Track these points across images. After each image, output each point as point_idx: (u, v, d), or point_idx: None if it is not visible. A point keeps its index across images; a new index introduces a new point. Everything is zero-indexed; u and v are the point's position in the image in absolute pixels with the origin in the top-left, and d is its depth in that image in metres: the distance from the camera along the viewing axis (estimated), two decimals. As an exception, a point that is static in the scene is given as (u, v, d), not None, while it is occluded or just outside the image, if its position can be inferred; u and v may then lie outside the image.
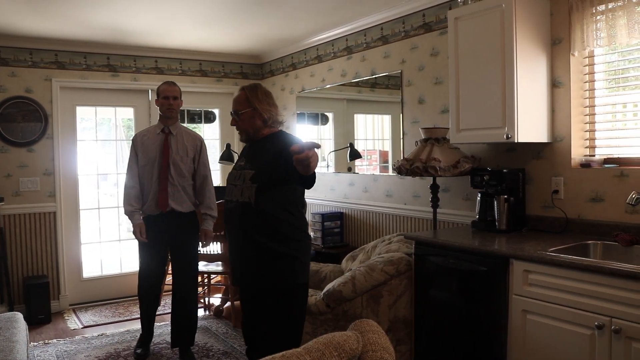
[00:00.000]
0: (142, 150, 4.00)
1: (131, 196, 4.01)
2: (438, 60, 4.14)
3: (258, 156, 2.84)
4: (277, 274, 2.74)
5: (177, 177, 3.95)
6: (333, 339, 1.47)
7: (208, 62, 6.41)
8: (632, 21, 2.93)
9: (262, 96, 2.90)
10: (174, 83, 4.06)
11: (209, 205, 4.09)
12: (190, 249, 4.10)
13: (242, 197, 2.78)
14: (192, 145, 4.06)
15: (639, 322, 2.25)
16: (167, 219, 3.96)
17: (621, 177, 3.04)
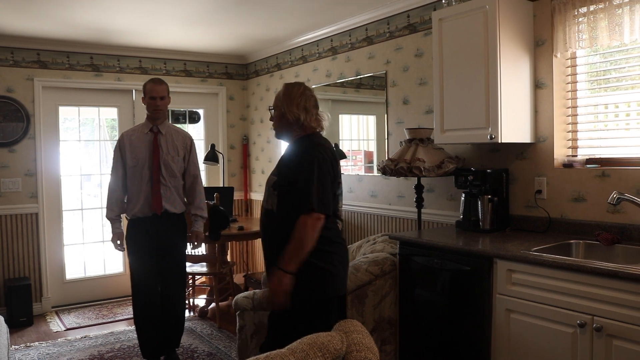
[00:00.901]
0: (130, 150, 3.82)
1: (113, 201, 3.87)
2: (422, 61, 4.16)
3: (284, 161, 2.74)
4: (302, 286, 2.54)
5: (169, 178, 3.82)
6: (317, 340, 1.47)
7: (192, 62, 6.38)
8: (613, 23, 2.96)
9: (296, 96, 2.70)
10: (161, 81, 3.87)
11: (199, 206, 3.97)
12: (180, 251, 3.98)
13: (267, 203, 2.69)
14: (182, 144, 3.92)
15: (620, 320, 2.28)
16: (160, 220, 3.81)
17: (603, 177, 3.07)
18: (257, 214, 6.60)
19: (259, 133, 6.51)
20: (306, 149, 2.65)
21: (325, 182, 2.58)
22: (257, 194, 6.60)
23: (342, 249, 2.72)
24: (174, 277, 3.95)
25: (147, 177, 3.79)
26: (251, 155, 6.75)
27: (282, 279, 2.50)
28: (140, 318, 3.91)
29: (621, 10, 2.93)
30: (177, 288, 3.97)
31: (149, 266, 3.84)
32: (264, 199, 2.76)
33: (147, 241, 3.82)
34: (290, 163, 2.66)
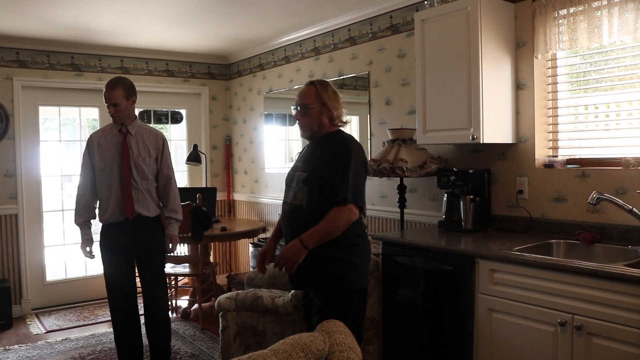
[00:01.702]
0: (98, 152, 3.62)
1: (81, 205, 3.68)
2: (405, 61, 4.18)
3: (314, 157, 2.73)
4: (332, 279, 2.63)
5: (140, 180, 3.61)
6: (300, 340, 1.46)
7: (175, 62, 6.34)
8: (592, 25, 3.00)
9: (332, 93, 2.75)
10: (113, 85, 3.55)
11: (173, 209, 3.77)
12: (158, 255, 3.80)
13: (295, 199, 2.69)
14: (153, 145, 3.70)
15: (599, 319, 2.30)
16: (133, 225, 3.60)
17: (583, 178, 3.11)
18: (240, 215, 6.58)
19: (242, 133, 6.49)
20: (342, 144, 2.68)
21: (360, 176, 2.65)
22: (240, 195, 6.57)
23: (367, 243, 2.78)
24: (155, 281, 3.78)
25: (117, 180, 3.58)
26: (234, 155, 6.73)
27: (300, 251, 2.56)
28: (116, 325, 3.75)
29: (600, 12, 2.97)
30: (159, 292, 3.80)
31: (123, 272, 3.66)
32: (288, 196, 2.77)
33: (121, 248, 3.63)
34: (324, 158, 2.65)
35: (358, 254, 2.68)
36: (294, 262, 2.57)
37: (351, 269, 2.65)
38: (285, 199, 2.81)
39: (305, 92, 2.76)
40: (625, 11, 2.85)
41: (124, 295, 3.67)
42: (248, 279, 4.11)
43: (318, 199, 2.61)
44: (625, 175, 2.92)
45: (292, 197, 2.71)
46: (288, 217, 2.76)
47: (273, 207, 5.89)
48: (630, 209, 2.72)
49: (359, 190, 2.63)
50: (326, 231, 2.57)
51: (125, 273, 3.67)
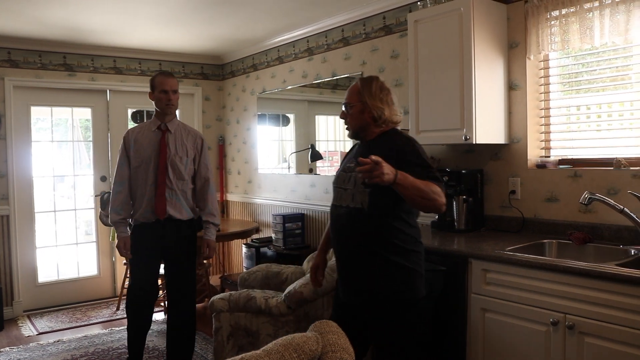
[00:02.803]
0: (135, 149, 3.51)
1: (118, 203, 3.52)
2: (398, 62, 4.18)
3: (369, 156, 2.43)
4: (395, 287, 2.43)
5: (175, 181, 3.48)
6: (293, 341, 1.46)
7: (168, 62, 6.32)
8: (584, 27, 3.01)
9: (377, 91, 2.54)
10: (171, 74, 3.57)
11: (211, 212, 3.63)
12: (187, 260, 3.62)
13: (354, 202, 2.47)
14: (192, 144, 3.60)
15: (591, 318, 2.32)
16: (164, 227, 3.48)
17: (575, 178, 3.12)
18: (233, 215, 6.57)
19: (235, 134, 6.48)
20: (405, 142, 2.50)
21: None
22: (234, 195, 6.56)
23: (423, 249, 2.59)
24: (183, 289, 3.63)
25: (152, 179, 3.47)
26: (227, 156, 6.71)
27: (391, 173, 2.16)
28: (131, 330, 3.63)
29: (591, 14, 2.99)
30: (187, 301, 3.65)
31: (149, 275, 3.57)
32: (341, 199, 2.54)
33: (149, 249, 3.51)
34: (390, 157, 2.31)
35: (419, 260, 2.50)
36: (377, 174, 2.14)
37: (415, 276, 2.47)
38: (338, 202, 2.58)
39: (350, 90, 2.62)
40: (617, 12, 2.87)
41: (145, 298, 3.58)
42: (241, 280, 4.11)
43: (380, 201, 2.41)
44: (617, 176, 2.93)
45: (350, 199, 2.49)
46: (344, 221, 2.53)
47: (266, 207, 5.89)
48: (622, 209, 2.73)
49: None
50: (425, 191, 2.26)
51: (151, 276, 3.58)
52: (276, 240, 5.11)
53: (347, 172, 2.58)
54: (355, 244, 2.49)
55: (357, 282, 2.51)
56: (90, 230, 6.08)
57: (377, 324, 2.48)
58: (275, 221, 5.12)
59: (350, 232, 2.51)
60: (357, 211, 2.46)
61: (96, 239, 6.01)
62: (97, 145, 5.99)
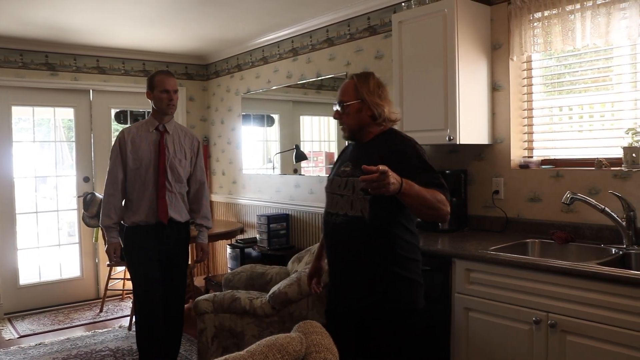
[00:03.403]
0: (132, 150, 3.37)
1: (111, 207, 3.39)
2: (382, 62, 4.19)
3: (371, 161, 2.19)
4: (396, 299, 2.32)
5: (174, 183, 3.40)
6: (276, 341, 1.46)
7: (152, 62, 6.28)
8: (566, 29, 3.04)
9: (374, 87, 2.40)
10: (171, 73, 3.46)
11: (205, 215, 3.59)
12: (184, 263, 3.59)
13: (353, 210, 2.30)
14: (189, 146, 3.52)
15: (573, 316, 2.34)
16: (165, 230, 3.40)
17: (557, 178, 3.15)
18: (218, 216, 6.54)
19: (220, 134, 6.46)
20: (407, 144, 2.36)
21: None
22: (218, 196, 6.54)
23: (420, 256, 2.47)
24: (179, 291, 3.58)
25: (152, 182, 3.36)
26: (212, 156, 6.69)
27: (396, 183, 2.02)
28: (144, 332, 3.47)
29: (573, 16, 3.02)
30: (181, 303, 3.60)
31: (154, 276, 3.42)
32: (337, 206, 2.37)
33: (152, 249, 3.40)
34: (388, 161, 2.16)
35: (418, 270, 2.41)
36: (383, 185, 2.00)
37: (416, 287, 2.38)
38: (333, 210, 2.39)
39: (344, 87, 2.44)
40: (597, 15, 2.90)
41: (157, 300, 3.43)
42: (226, 281, 4.10)
43: (382, 208, 2.27)
44: (598, 176, 2.97)
45: (349, 207, 2.32)
46: (342, 230, 2.36)
47: (251, 208, 5.87)
48: (603, 209, 2.76)
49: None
50: (430, 201, 2.14)
51: (154, 275, 3.43)
52: (261, 241, 5.10)
53: (342, 177, 2.40)
54: (355, 255, 2.35)
55: (355, 292, 2.37)
56: (73, 231, 6.02)
57: (373, 334, 2.37)
58: (260, 222, 5.11)
59: (349, 243, 2.35)
60: (357, 220, 2.30)
61: (79, 240, 5.95)
62: (80, 146, 5.93)
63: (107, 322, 5.16)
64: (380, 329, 2.35)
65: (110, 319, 5.27)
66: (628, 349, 2.18)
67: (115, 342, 4.56)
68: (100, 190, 5.77)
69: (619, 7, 2.83)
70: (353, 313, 2.41)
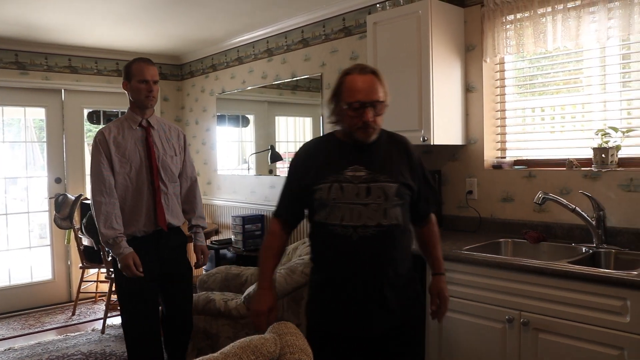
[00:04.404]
0: (117, 152, 2.93)
1: (111, 216, 2.86)
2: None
3: (385, 163, 2.14)
4: (421, 300, 2.32)
5: (168, 183, 3.04)
6: (250, 343, 1.45)
7: (125, 61, 6.10)
8: (538, 31, 3.09)
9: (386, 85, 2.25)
10: (151, 61, 3.04)
11: (200, 215, 3.27)
12: (188, 271, 3.22)
13: (387, 218, 2.07)
14: (176, 141, 3.17)
15: (545, 314, 2.38)
16: (162, 237, 3.01)
17: (529, 178, 3.20)
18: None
19: (194, 135, 6.41)
20: (410, 147, 2.28)
21: None
22: (193, 197, 6.48)
23: None
24: (189, 303, 3.22)
25: (146, 185, 2.97)
26: (187, 157, 6.63)
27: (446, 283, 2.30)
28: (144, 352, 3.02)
29: (545, 19, 3.07)
30: (191, 316, 3.24)
31: (153, 294, 3.01)
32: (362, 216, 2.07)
33: (148, 264, 2.92)
34: (407, 164, 2.18)
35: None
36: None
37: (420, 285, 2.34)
38: (356, 222, 2.08)
39: (376, 85, 2.19)
40: (568, 18, 2.95)
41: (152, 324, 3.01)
42: (200, 282, 4.07)
43: (407, 213, 2.18)
44: (569, 176, 3.02)
45: (381, 216, 2.07)
46: (376, 243, 2.08)
47: (226, 209, 5.84)
48: (574, 208, 2.81)
49: None
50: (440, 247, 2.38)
51: (155, 295, 3.04)
52: (236, 242, 5.07)
53: (357, 183, 2.10)
54: (393, 267, 2.12)
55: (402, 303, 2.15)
56: (45, 233, 5.91)
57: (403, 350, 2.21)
58: (235, 222, 5.09)
59: (386, 255, 2.10)
60: (394, 228, 2.09)
61: (51, 242, 5.85)
62: (52, 146, 5.83)
63: (80, 325, 5.08)
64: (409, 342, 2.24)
65: (82, 322, 5.19)
66: (598, 345, 2.22)
67: (87, 345, 4.49)
68: (72, 191, 5.70)
69: (589, 11, 2.89)
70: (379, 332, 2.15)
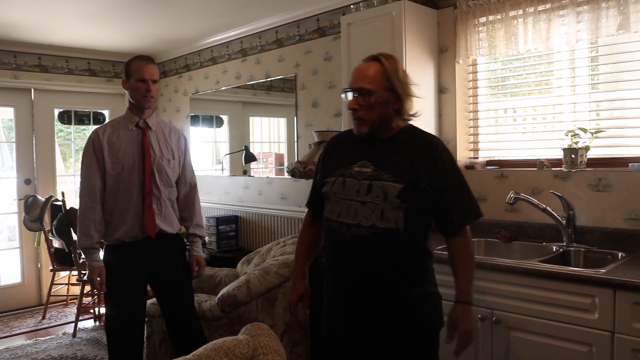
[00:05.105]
0: (110, 153, 2.83)
1: (89, 222, 2.80)
2: (331, 64, 4.21)
3: (397, 162, 1.98)
4: (429, 318, 2.05)
5: (163, 188, 2.91)
6: (223, 344, 1.44)
7: (97, 61, 6.13)
8: (509, 33, 3.13)
9: (404, 75, 2.01)
10: (151, 59, 2.93)
11: (198, 223, 3.12)
12: (186, 279, 3.07)
13: (384, 221, 1.94)
14: (176, 143, 3.03)
15: (517, 313, 2.41)
16: (152, 245, 2.88)
17: (501, 178, 3.23)
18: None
19: (168, 135, 6.34)
20: (440, 146, 2.04)
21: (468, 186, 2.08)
22: (167, 198, 6.42)
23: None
24: (193, 314, 3.08)
25: (138, 189, 2.84)
26: (160, 158, 6.56)
27: (472, 313, 2.04)
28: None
29: (516, 21, 3.11)
30: (199, 326, 3.09)
31: (137, 304, 2.92)
32: (358, 215, 1.98)
33: (136, 273, 2.87)
34: (424, 164, 1.97)
35: (435, 281, 2.14)
36: (474, 329, 2.05)
37: (439, 301, 2.11)
38: (350, 220, 1.99)
39: (366, 72, 1.99)
40: (539, 21, 2.99)
41: (136, 332, 2.92)
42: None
43: (416, 220, 1.98)
44: (540, 176, 3.06)
45: (378, 217, 1.95)
46: (369, 245, 1.97)
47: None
48: (544, 208, 2.85)
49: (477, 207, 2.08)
50: (472, 272, 2.08)
51: (140, 305, 2.95)
52: (209, 243, 5.04)
53: (359, 179, 2.00)
54: (386, 275, 1.98)
55: (381, 321, 1.99)
56: (14, 235, 5.80)
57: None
58: (209, 223, 5.05)
59: (378, 260, 1.97)
60: (390, 232, 1.95)
61: (20, 244, 5.74)
62: (21, 147, 5.72)
63: (50, 329, 4.99)
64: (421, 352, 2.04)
65: (53, 325, 5.10)
66: (568, 342, 2.26)
67: (58, 349, 4.42)
68: (42, 192, 5.60)
69: (559, 14, 2.94)
70: (378, 343, 2.02)
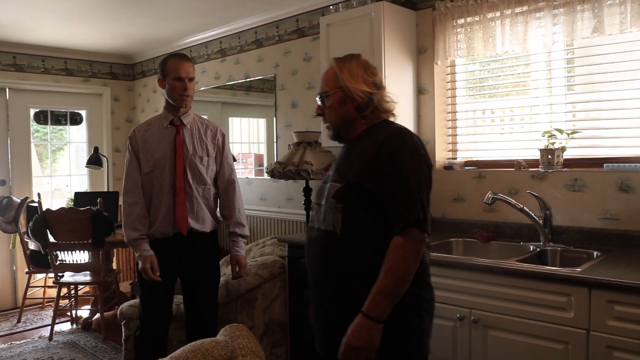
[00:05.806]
0: (144, 150, 2.89)
1: (135, 217, 2.85)
2: (311, 65, 4.21)
3: (349, 162, 1.91)
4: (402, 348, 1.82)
5: (196, 186, 2.91)
6: (201, 346, 1.44)
7: (74, 60, 6.05)
8: (487, 35, 3.16)
9: (358, 70, 1.95)
10: (187, 57, 2.93)
11: (239, 221, 3.05)
12: (214, 280, 3.06)
13: (325, 223, 1.86)
14: (212, 141, 3.00)
15: (494, 312, 2.43)
16: (183, 242, 2.90)
17: (479, 179, 3.26)
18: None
19: (147, 136, 6.29)
20: (390, 138, 1.86)
21: (423, 186, 1.81)
22: (145, 199, 6.37)
23: (432, 292, 1.94)
24: (211, 313, 3.04)
25: (169, 186, 2.87)
26: (138, 158, 6.50)
27: (373, 331, 1.71)
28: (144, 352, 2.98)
29: (494, 23, 3.14)
30: (213, 326, 3.03)
31: (164, 299, 2.96)
32: (314, 218, 1.96)
33: (167, 270, 2.88)
34: (365, 161, 1.84)
35: (426, 310, 1.88)
36: (369, 349, 1.71)
37: (423, 334, 1.87)
38: (312, 224, 1.97)
39: (324, 76, 2.02)
40: (516, 23, 3.03)
41: (162, 325, 2.98)
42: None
43: (357, 221, 1.82)
44: (517, 177, 3.09)
45: (322, 219, 1.88)
46: (315, 249, 1.92)
47: (179, 211, 5.75)
48: (522, 208, 2.89)
49: (425, 209, 1.79)
50: (394, 284, 1.73)
51: (167, 300, 2.98)
52: (189, 245, 5.00)
53: (323, 183, 1.99)
54: (332, 280, 1.86)
55: (335, 333, 1.83)
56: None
57: None
58: (188, 225, 5.01)
59: (326, 263, 1.87)
60: (329, 235, 1.85)
61: (-6, 246, 5.65)
62: (-5, 147, 5.64)
63: (26, 332, 4.91)
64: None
65: (29, 329, 5.02)
66: (544, 340, 2.28)
67: (34, 353, 4.35)
68: (17, 193, 5.52)
69: (535, 17, 2.97)
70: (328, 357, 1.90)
